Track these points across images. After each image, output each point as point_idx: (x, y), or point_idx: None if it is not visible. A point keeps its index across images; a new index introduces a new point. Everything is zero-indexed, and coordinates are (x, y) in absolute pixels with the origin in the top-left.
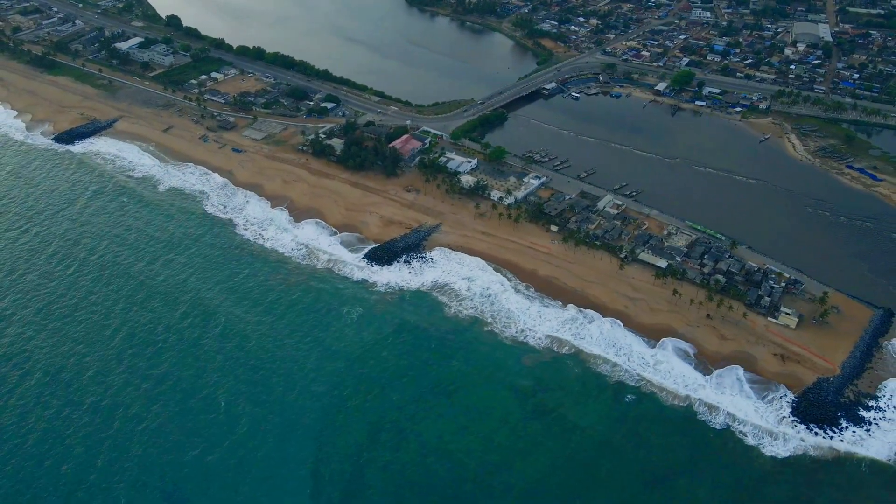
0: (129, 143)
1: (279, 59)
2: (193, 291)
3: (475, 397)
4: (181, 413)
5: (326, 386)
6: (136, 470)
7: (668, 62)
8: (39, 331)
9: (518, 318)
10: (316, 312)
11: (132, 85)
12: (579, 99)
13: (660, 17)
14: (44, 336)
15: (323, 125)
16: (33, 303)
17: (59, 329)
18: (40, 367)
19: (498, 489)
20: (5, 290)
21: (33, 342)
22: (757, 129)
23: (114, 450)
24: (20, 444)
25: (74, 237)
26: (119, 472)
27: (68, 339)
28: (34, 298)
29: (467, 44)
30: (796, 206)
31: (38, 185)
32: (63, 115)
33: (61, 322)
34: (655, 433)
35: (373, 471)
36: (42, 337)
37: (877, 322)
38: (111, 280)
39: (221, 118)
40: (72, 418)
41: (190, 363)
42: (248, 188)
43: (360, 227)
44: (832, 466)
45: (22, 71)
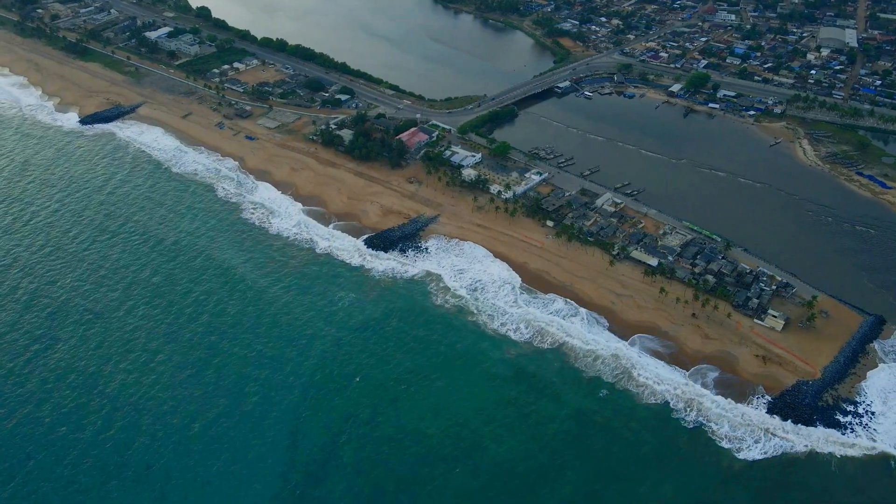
0: (148, 128)
1: (300, 50)
2: (193, 272)
3: (454, 384)
4: (171, 386)
5: (311, 366)
6: (120, 435)
7: (686, 64)
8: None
9: (504, 310)
10: (310, 294)
11: (157, 72)
12: (592, 98)
13: (683, 19)
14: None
15: (335, 116)
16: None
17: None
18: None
19: (468, 469)
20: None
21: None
22: (769, 133)
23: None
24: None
25: (85, 212)
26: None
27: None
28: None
29: (487, 41)
30: (799, 210)
31: (59, 163)
32: (90, 100)
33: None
34: (626, 428)
35: (348, 447)
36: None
37: (866, 328)
38: (118, 258)
39: (238, 106)
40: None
41: (185, 340)
42: (257, 174)
43: (359, 216)
44: (802, 467)
45: (56, 56)
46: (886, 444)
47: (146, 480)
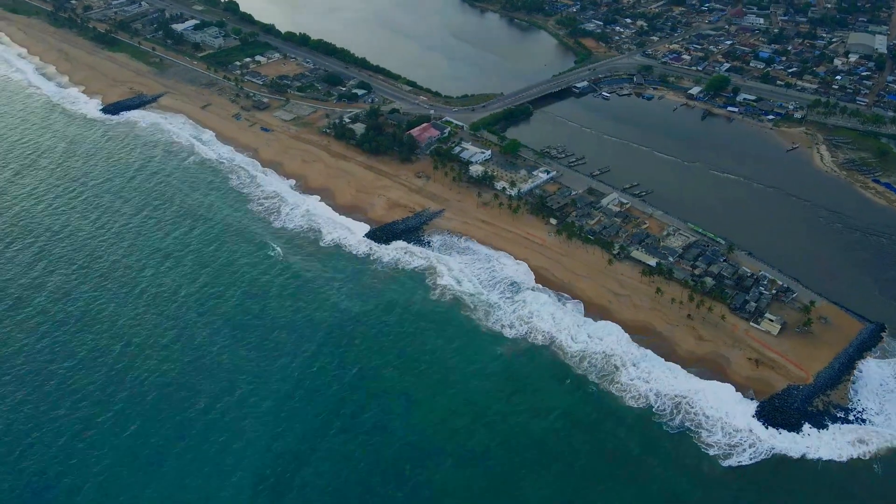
0: (167, 117)
1: (322, 45)
2: (198, 260)
3: (444, 377)
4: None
5: (305, 354)
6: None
7: (708, 67)
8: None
9: (499, 305)
10: (312, 282)
11: (181, 64)
12: (609, 99)
13: (710, 22)
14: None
15: (350, 110)
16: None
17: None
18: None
19: (453, 461)
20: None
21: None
22: (787, 138)
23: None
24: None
25: (98, 199)
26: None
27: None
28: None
29: (510, 40)
30: (810, 216)
31: (80, 148)
32: (114, 89)
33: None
34: (611, 427)
35: (335, 429)
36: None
37: (865, 336)
38: (128, 241)
39: (256, 98)
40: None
41: (190, 320)
42: (269, 165)
43: (366, 208)
44: (786, 471)
45: (86, 46)
46: (873, 449)
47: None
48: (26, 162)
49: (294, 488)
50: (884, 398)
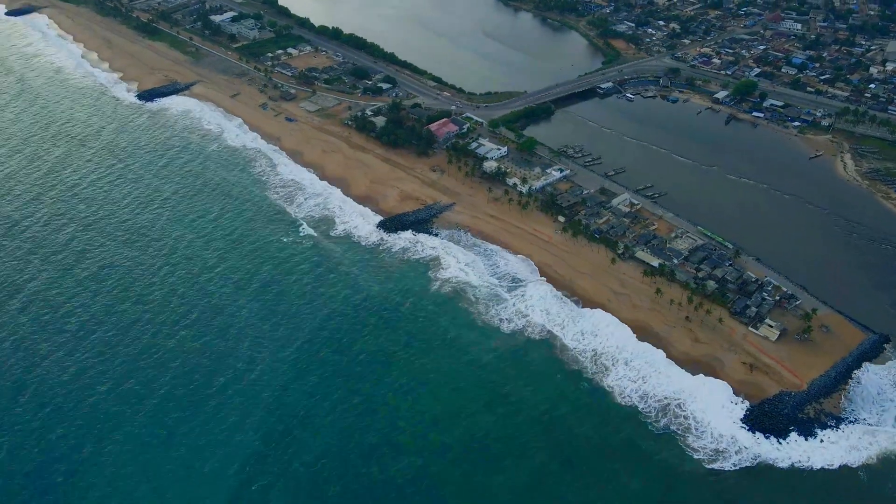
0: (197, 105)
1: (352, 39)
2: (205, 239)
3: (437, 365)
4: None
5: (304, 336)
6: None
7: (738, 71)
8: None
9: (500, 298)
10: (319, 268)
11: (216, 54)
12: (633, 100)
13: (745, 27)
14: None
15: (373, 103)
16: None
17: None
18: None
19: (437, 442)
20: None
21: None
22: (811, 146)
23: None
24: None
25: (127, 184)
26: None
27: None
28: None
29: (540, 40)
30: (825, 224)
31: (116, 132)
32: (150, 76)
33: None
34: (596, 422)
35: (321, 412)
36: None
37: (866, 346)
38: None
39: (284, 89)
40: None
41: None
42: (290, 154)
43: (378, 199)
44: (765, 476)
45: (128, 35)
46: (861, 457)
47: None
48: (73, 143)
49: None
50: (881, 408)
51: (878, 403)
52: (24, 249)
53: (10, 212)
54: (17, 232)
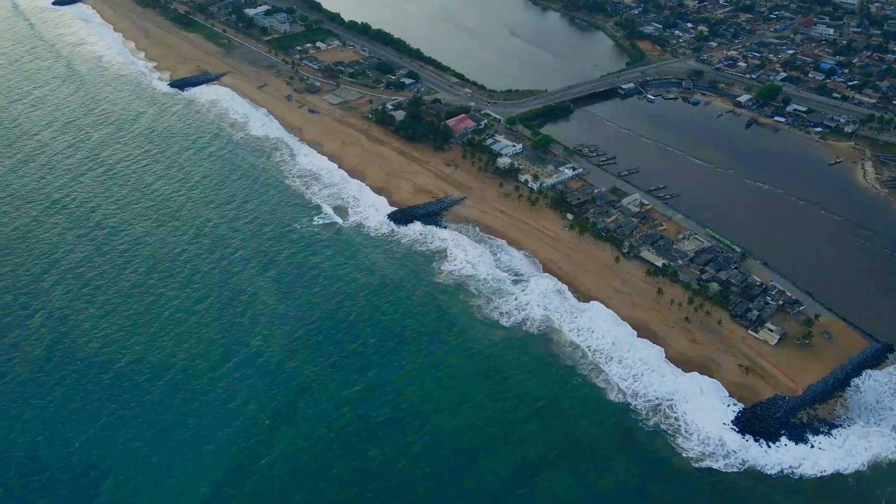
0: (225, 95)
1: (380, 35)
2: (228, 222)
3: (430, 354)
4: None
5: (313, 318)
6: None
7: (763, 75)
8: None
9: (501, 292)
10: (330, 255)
11: (247, 46)
12: (654, 101)
13: (776, 31)
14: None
15: (395, 98)
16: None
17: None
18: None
19: (428, 427)
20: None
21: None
22: (832, 152)
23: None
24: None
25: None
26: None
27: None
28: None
29: (566, 39)
30: (838, 231)
31: (151, 119)
32: (183, 66)
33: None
34: (586, 416)
35: (316, 390)
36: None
37: (868, 354)
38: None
39: (309, 82)
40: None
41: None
42: (310, 144)
43: (392, 191)
44: (753, 477)
45: (165, 26)
46: (852, 464)
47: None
48: (111, 128)
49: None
50: (878, 416)
51: (875, 412)
52: (61, 227)
53: (51, 191)
54: (56, 210)
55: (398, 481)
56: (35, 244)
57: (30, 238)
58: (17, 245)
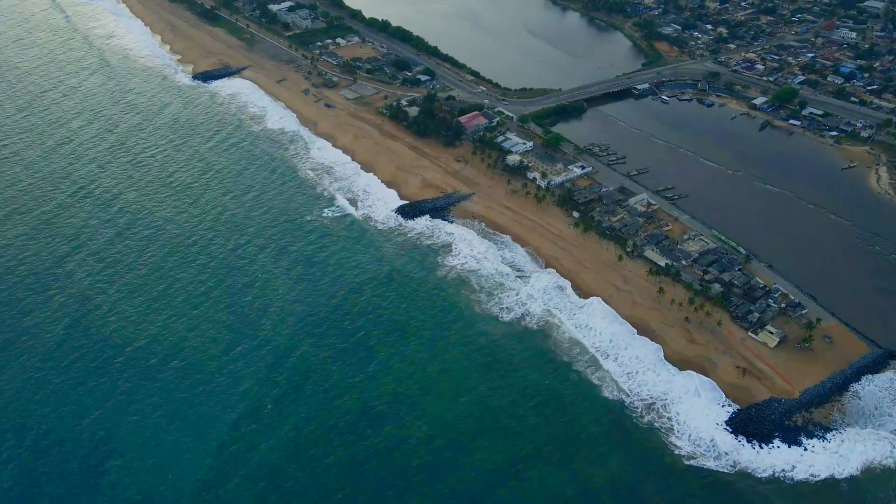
0: (245, 88)
1: (399, 32)
2: (244, 210)
3: (432, 346)
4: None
5: (310, 309)
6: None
7: (781, 78)
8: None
9: (503, 288)
10: (338, 246)
11: (268, 41)
12: (668, 102)
13: (797, 33)
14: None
15: (410, 94)
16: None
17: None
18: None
19: (422, 416)
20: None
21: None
22: (845, 156)
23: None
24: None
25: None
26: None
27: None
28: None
29: (583, 39)
30: (846, 236)
31: (173, 108)
32: (206, 60)
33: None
34: (580, 411)
35: (319, 377)
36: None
37: (869, 360)
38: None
39: (327, 77)
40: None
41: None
42: (324, 137)
43: (401, 185)
44: (743, 478)
45: (191, 20)
46: (845, 469)
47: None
48: (137, 118)
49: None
50: (877, 422)
51: (873, 417)
52: (85, 212)
53: (78, 177)
54: (81, 195)
55: (395, 468)
56: (60, 228)
57: (55, 222)
58: (44, 228)
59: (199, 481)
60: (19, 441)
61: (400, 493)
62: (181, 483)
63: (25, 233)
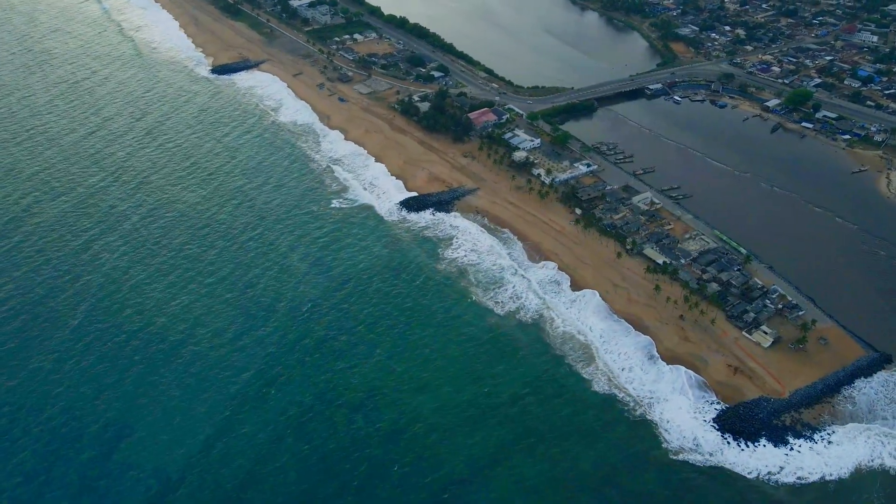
0: (262, 81)
1: (415, 29)
2: (248, 194)
3: (425, 336)
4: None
5: (312, 297)
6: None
7: (796, 81)
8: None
9: (500, 282)
10: (341, 235)
11: (288, 36)
12: (680, 103)
13: (816, 36)
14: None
15: (423, 90)
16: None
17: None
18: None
19: (414, 406)
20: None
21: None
22: (857, 160)
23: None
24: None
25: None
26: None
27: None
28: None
29: (600, 39)
30: (851, 240)
31: (195, 100)
32: (225, 53)
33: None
34: (569, 406)
35: (313, 363)
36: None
37: (864, 363)
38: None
39: (342, 72)
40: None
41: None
42: (336, 129)
43: (408, 178)
44: (726, 475)
45: (213, 14)
46: (831, 471)
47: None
48: (166, 108)
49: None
50: (866, 424)
51: (864, 420)
52: (114, 196)
53: (109, 163)
54: (112, 179)
55: (379, 452)
56: (91, 210)
57: (86, 204)
58: (76, 211)
59: (206, 458)
60: (37, 416)
61: (391, 478)
62: (190, 459)
63: (56, 216)
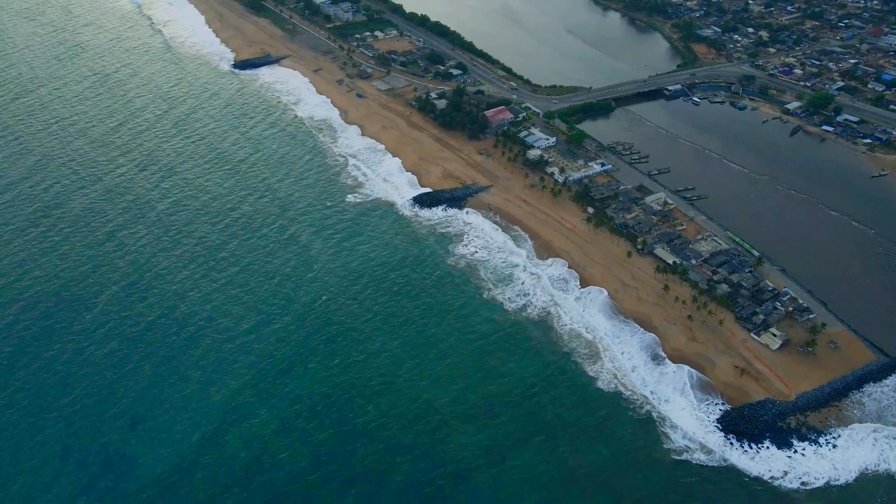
0: (283, 76)
1: (436, 27)
2: (269, 184)
3: (434, 331)
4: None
5: (325, 290)
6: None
7: (819, 84)
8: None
9: (509, 279)
10: (355, 229)
11: (310, 32)
12: (699, 104)
13: (842, 39)
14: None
15: (440, 88)
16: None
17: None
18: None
19: (424, 399)
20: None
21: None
22: (877, 164)
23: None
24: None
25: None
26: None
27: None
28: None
29: (621, 39)
30: (867, 244)
31: (219, 94)
32: (248, 48)
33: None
34: (574, 403)
35: (322, 354)
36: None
37: (874, 368)
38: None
39: (362, 68)
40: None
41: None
42: (353, 125)
43: (422, 174)
44: (728, 475)
45: (238, 10)
46: (834, 475)
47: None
48: (196, 101)
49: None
50: (872, 427)
51: (871, 424)
52: (144, 186)
53: (138, 154)
54: (141, 169)
55: (391, 443)
56: (117, 200)
57: (112, 194)
58: (103, 199)
59: (221, 443)
60: (58, 399)
61: (401, 469)
62: (206, 444)
63: (84, 204)
